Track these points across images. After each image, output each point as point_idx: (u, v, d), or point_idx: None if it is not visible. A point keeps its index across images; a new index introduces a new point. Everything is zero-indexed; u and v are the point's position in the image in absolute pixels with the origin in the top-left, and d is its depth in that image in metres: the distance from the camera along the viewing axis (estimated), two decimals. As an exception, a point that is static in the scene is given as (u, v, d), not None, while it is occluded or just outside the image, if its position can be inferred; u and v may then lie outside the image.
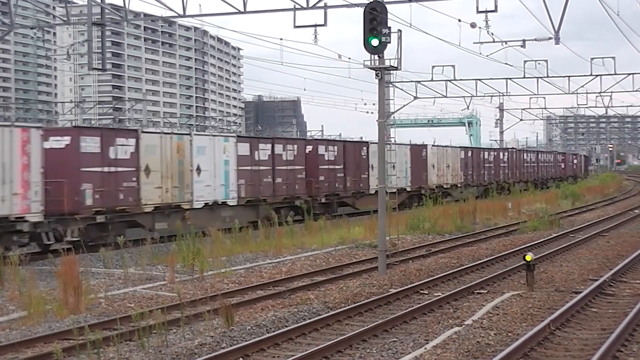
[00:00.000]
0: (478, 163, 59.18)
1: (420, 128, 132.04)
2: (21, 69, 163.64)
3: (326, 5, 27.26)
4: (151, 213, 28.00)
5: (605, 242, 28.12)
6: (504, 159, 65.87)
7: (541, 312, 15.10)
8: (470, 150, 59.43)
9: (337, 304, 16.46)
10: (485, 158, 61.13)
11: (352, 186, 41.28)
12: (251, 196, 33.30)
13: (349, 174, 40.94)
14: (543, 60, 49.51)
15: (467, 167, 56.52)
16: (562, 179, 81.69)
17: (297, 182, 36.58)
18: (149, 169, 27.73)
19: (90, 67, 31.67)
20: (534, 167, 75.35)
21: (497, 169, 63.21)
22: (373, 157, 41.33)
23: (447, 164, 52.73)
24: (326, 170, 39.05)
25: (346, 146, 41.76)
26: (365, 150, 42.91)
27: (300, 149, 37.26)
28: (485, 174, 60.33)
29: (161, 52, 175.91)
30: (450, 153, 54.09)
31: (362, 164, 42.50)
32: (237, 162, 32.40)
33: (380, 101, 21.42)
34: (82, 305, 16.01)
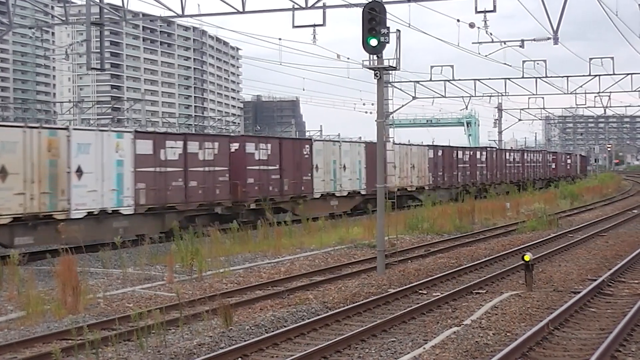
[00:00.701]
0: (450, 163, 53.93)
1: (419, 128, 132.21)
2: (20, 69, 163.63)
3: (325, 5, 27.29)
4: (8, 225, 22.79)
5: (603, 242, 28.13)
6: (482, 158, 60.16)
7: (540, 312, 15.11)
8: (440, 149, 53.59)
9: (335, 304, 16.46)
10: (459, 158, 55.58)
11: (291, 189, 36.06)
12: (154, 203, 28.08)
13: (287, 176, 35.75)
14: (542, 60, 49.66)
15: (436, 167, 51.31)
16: (552, 180, 77.57)
17: (219, 186, 31.27)
18: (6, 171, 22.63)
19: (89, 66, 31.72)
20: (518, 168, 69.63)
21: (473, 170, 57.83)
22: (317, 156, 37.97)
23: (411, 164, 47.84)
24: (257, 172, 33.80)
25: (283, 144, 36.51)
26: (307, 148, 37.85)
27: (223, 147, 31.88)
28: (458, 175, 55.03)
29: (160, 52, 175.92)
30: (416, 152, 49.21)
31: (304, 164, 37.19)
32: (134, 162, 27.19)
33: (379, 101, 21.42)
34: (81, 305, 16.00)
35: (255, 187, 33.58)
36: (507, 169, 65.72)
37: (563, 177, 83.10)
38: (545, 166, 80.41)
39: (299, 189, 36.72)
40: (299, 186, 36.75)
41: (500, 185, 60.81)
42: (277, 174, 35.19)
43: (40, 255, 23.33)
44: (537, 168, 76.16)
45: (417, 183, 48.71)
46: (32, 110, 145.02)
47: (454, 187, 53.53)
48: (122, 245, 22.68)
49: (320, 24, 28.05)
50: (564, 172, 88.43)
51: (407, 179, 46.94)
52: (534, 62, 49.81)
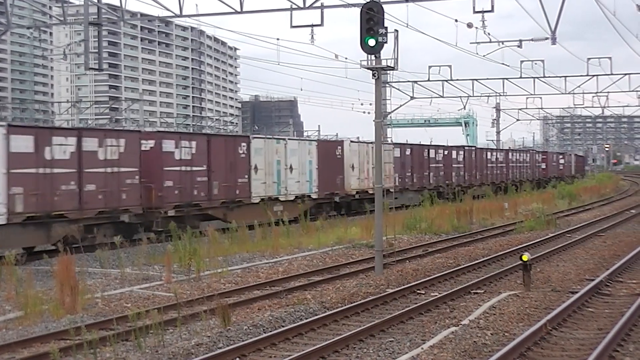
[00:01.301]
0: (421, 163, 49.75)
1: (417, 128, 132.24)
2: (18, 69, 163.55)
3: (323, 5, 27.32)
4: None
5: (601, 242, 28.16)
6: (459, 158, 55.81)
7: (538, 312, 15.12)
8: (408, 147, 49.52)
9: (334, 304, 16.46)
10: (432, 157, 51.41)
11: (223, 194, 31.32)
12: (36, 210, 23.85)
13: (217, 178, 30.99)
14: (540, 60, 49.82)
15: (404, 168, 47.32)
16: (542, 182, 74.23)
17: (126, 190, 26.75)
18: None
19: (87, 67, 31.71)
20: (502, 168, 65.24)
21: (448, 170, 53.66)
22: (257, 156, 33.49)
23: (374, 164, 44.07)
24: (177, 173, 29.01)
25: (212, 141, 31.46)
26: (244, 146, 32.89)
27: (132, 145, 27.13)
28: (431, 176, 50.85)
29: (158, 52, 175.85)
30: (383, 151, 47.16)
31: (240, 165, 32.37)
32: (7, 162, 22.95)
33: (377, 101, 21.43)
34: (79, 305, 16.00)
35: (174, 192, 28.86)
36: (488, 170, 61.65)
37: (555, 178, 79.54)
38: (534, 166, 76.13)
39: (232, 193, 31.92)
40: (233, 190, 31.96)
41: (481, 187, 57.08)
42: (204, 175, 30.39)
43: (38, 255, 23.32)
44: (523, 169, 71.97)
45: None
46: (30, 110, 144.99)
47: (425, 189, 49.02)
48: (121, 245, 22.67)
49: (318, 24, 28.10)
50: (556, 173, 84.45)
51: (368, 180, 42.55)
52: (532, 62, 49.93)
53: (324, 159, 38.30)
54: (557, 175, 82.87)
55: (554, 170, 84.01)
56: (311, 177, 37.58)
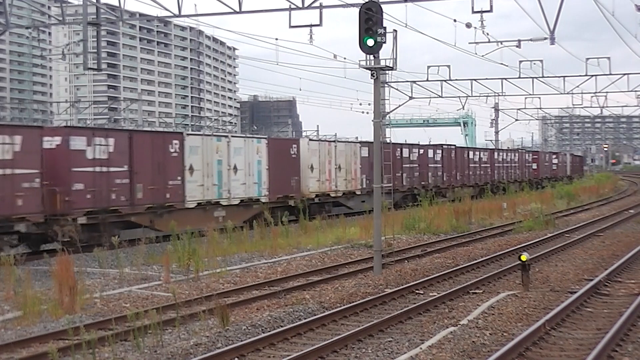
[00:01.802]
0: (393, 163, 48.16)
1: (416, 128, 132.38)
2: (16, 69, 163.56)
3: (321, 5, 27.32)
4: None
5: (600, 242, 28.17)
6: (436, 157, 52.35)
7: (536, 312, 15.12)
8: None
9: (332, 304, 16.46)
10: (405, 157, 47.69)
11: (149, 198, 27.58)
12: None
13: (142, 180, 27.28)
14: (538, 60, 49.78)
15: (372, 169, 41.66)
16: (532, 183, 71.14)
17: (21, 195, 23.03)
18: None
19: (86, 66, 31.70)
20: (486, 169, 61.69)
21: (424, 171, 50.14)
22: (193, 155, 29.76)
23: (337, 164, 40.06)
24: (89, 175, 25.51)
25: (135, 139, 27.55)
26: (176, 144, 29.11)
27: (30, 143, 23.52)
28: (403, 177, 47.05)
29: (156, 52, 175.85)
30: (344, 150, 41.28)
31: (171, 164, 28.74)
32: None
33: (376, 101, 21.43)
34: (77, 305, 15.99)
35: (86, 196, 25.37)
36: (470, 170, 58.07)
37: (548, 179, 77.34)
38: (523, 167, 72.66)
39: (161, 197, 28.16)
40: (162, 193, 28.20)
41: (462, 189, 53.73)
42: (125, 177, 26.71)
43: (37, 255, 23.31)
44: (511, 169, 68.51)
45: (345, 187, 41.02)
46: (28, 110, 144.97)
47: (397, 191, 45.02)
48: (119, 245, 22.67)
49: (317, 24, 28.09)
50: (549, 174, 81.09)
51: (329, 182, 39.14)
52: (531, 62, 49.91)
53: (276, 159, 34.55)
54: (551, 176, 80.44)
55: (547, 170, 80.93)
56: (260, 179, 33.69)
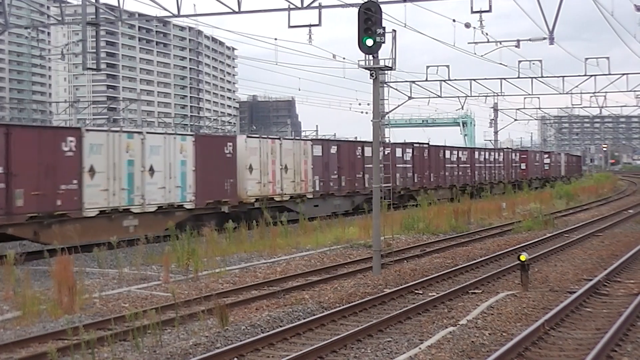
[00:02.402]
0: (352, 163, 41.24)
1: (415, 128, 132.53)
2: (15, 69, 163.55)
3: (321, 5, 27.32)
4: None
5: (599, 242, 28.17)
6: (406, 157, 47.42)
7: (535, 312, 15.12)
8: (335, 144, 41.22)
9: (331, 304, 16.46)
10: (368, 156, 41.28)
11: (33, 206, 23.09)
12: None
13: (24, 184, 22.82)
14: (537, 60, 49.79)
15: (327, 169, 39.01)
16: (520, 184, 66.81)
17: None
18: None
19: (85, 66, 31.70)
20: (465, 169, 57.27)
21: (391, 172, 42.81)
22: (94, 155, 25.41)
23: (282, 164, 35.28)
24: None
25: (15, 135, 22.94)
26: (73, 143, 24.68)
27: None
28: (365, 179, 41.71)
29: (156, 52, 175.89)
30: (291, 148, 36.29)
31: (64, 166, 24.29)
32: None
33: (375, 101, 21.43)
34: (77, 305, 15.98)
35: None
36: (447, 171, 53.73)
37: (539, 180, 73.89)
38: (509, 167, 68.35)
39: (49, 204, 23.74)
40: (51, 200, 23.80)
41: (437, 191, 49.52)
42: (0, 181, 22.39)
43: (37, 255, 23.29)
44: (494, 169, 64.11)
45: (293, 190, 36.11)
46: (27, 110, 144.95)
47: (358, 195, 41.41)
48: (118, 245, 22.67)
49: (316, 24, 28.09)
50: (540, 174, 77.13)
51: (273, 185, 34.58)
52: (530, 62, 49.95)
53: (205, 159, 30.01)
54: (542, 177, 76.79)
55: (537, 171, 76.72)
56: (184, 182, 29.00)
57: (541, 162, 79.12)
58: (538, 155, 79.55)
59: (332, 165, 39.60)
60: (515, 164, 70.49)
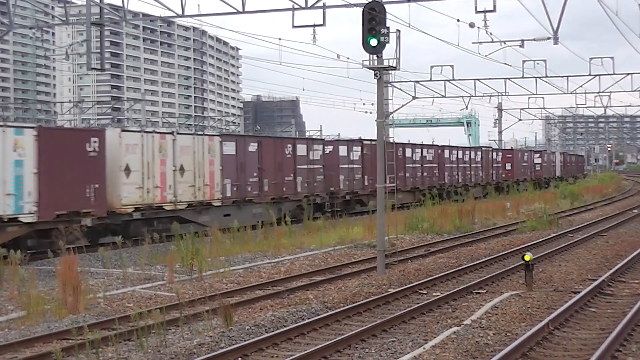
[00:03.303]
0: (279, 164, 34.82)
1: (419, 128, 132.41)
2: (20, 69, 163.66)
3: (325, 5, 27.28)
4: None
5: (604, 242, 28.14)
6: (352, 156, 41.08)
7: (540, 312, 15.11)
8: (255, 140, 34.32)
9: (335, 304, 16.46)
10: (301, 155, 36.52)
11: None
12: None
13: None
14: (542, 60, 49.55)
15: (243, 171, 32.42)
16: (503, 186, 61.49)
17: None
18: None
19: (89, 67, 31.69)
20: (432, 170, 51.07)
21: (332, 174, 38.82)
22: None
23: (176, 165, 28.66)
24: None
25: None
26: None
27: None
28: (298, 182, 36.00)
29: (160, 52, 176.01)
30: (191, 146, 29.60)
31: None
32: None
33: (379, 101, 21.43)
34: (81, 305, 16.01)
35: None
36: (408, 172, 47.43)
37: (528, 181, 67.21)
38: (489, 168, 62.07)
39: None
40: None
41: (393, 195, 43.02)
42: None
43: (41, 255, 23.33)
44: (470, 170, 57.92)
45: (193, 197, 29.48)
46: (32, 110, 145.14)
47: (287, 201, 35.43)
48: (123, 245, 22.71)
49: (320, 24, 28.02)
50: (530, 175, 71.11)
51: (162, 190, 28.03)
52: (534, 62, 49.74)
53: (54, 159, 23.98)
54: (532, 178, 70.60)
55: (526, 171, 70.64)
56: (21, 189, 22.93)
57: (531, 162, 73.27)
58: (527, 155, 73.92)
59: (251, 166, 33.04)
60: (497, 164, 64.34)
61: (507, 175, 65.50)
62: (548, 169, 77.89)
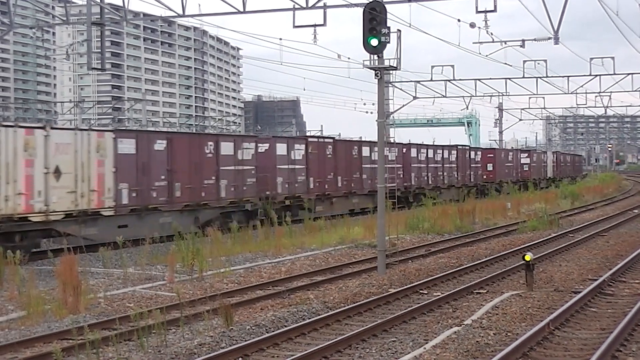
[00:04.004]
0: (196, 164, 29.56)
1: (420, 128, 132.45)
2: (20, 69, 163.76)
3: (325, 5, 27.28)
4: None
5: (604, 242, 28.14)
6: (294, 156, 35.99)
7: (540, 312, 15.11)
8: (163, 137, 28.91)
9: (336, 304, 16.46)
10: (224, 155, 31.02)
11: None
12: None
13: None
14: (542, 60, 49.60)
15: (147, 173, 27.33)
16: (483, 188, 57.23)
17: None
18: None
19: (90, 66, 31.73)
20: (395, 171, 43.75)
21: (268, 175, 33.81)
22: None
23: (49, 167, 23.60)
24: None
25: None
26: None
27: None
28: (223, 186, 30.77)
29: (160, 52, 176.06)
30: (71, 143, 24.52)
31: None
32: None
33: (380, 101, 21.43)
34: (81, 305, 16.00)
35: None
36: (365, 173, 42.47)
37: (513, 183, 62.60)
38: (466, 168, 57.25)
39: None
40: None
41: (349, 199, 39.91)
42: None
43: (42, 255, 23.33)
44: (442, 171, 53.04)
45: (73, 205, 24.43)
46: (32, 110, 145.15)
47: (207, 208, 30.25)
48: (123, 245, 22.71)
49: (321, 24, 28.03)
50: (515, 176, 66.53)
51: (28, 197, 22.96)
52: (535, 62, 49.80)
53: None
54: (518, 179, 66.26)
55: (510, 172, 66.09)
56: None
57: (516, 162, 68.42)
58: (512, 155, 68.84)
59: (158, 167, 27.90)
60: (476, 165, 59.47)
61: (489, 177, 61.38)
62: (538, 170, 73.58)
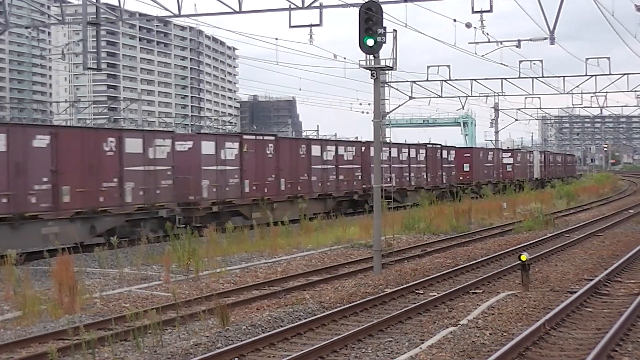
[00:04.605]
0: (93, 165, 25.03)
1: (416, 128, 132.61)
2: (16, 69, 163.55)
3: (321, 5, 27.32)
4: None
5: (600, 242, 28.16)
6: (224, 155, 31.67)
7: (536, 312, 15.12)
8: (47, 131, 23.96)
9: (332, 304, 16.46)
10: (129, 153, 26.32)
11: None
12: None
13: None
14: (538, 60, 49.77)
15: (23, 174, 22.66)
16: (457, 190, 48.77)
17: None
18: None
19: (85, 66, 31.71)
20: (351, 172, 41.59)
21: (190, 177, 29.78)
22: None
23: None
24: None
25: None
26: None
27: None
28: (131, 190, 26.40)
29: (156, 51, 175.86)
30: None
31: None
32: None
33: (376, 101, 21.43)
34: (77, 305, 15.98)
35: None
36: (315, 174, 38.31)
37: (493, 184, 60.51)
38: (437, 168, 53.43)
39: None
40: None
41: (294, 203, 35.13)
42: None
43: (37, 255, 23.29)
44: (408, 171, 48.96)
45: None
46: (28, 110, 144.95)
47: (107, 216, 25.73)
48: (119, 245, 22.68)
49: (316, 23, 28.08)
50: (496, 177, 62.83)
51: None
52: (531, 62, 49.93)
53: None
54: (499, 180, 62.66)
55: (490, 173, 62.08)
56: None
57: (497, 162, 64.05)
58: (491, 154, 63.70)
59: (38, 167, 23.21)
60: (449, 165, 55.72)
61: (465, 178, 57.44)
62: (522, 170, 69.45)
